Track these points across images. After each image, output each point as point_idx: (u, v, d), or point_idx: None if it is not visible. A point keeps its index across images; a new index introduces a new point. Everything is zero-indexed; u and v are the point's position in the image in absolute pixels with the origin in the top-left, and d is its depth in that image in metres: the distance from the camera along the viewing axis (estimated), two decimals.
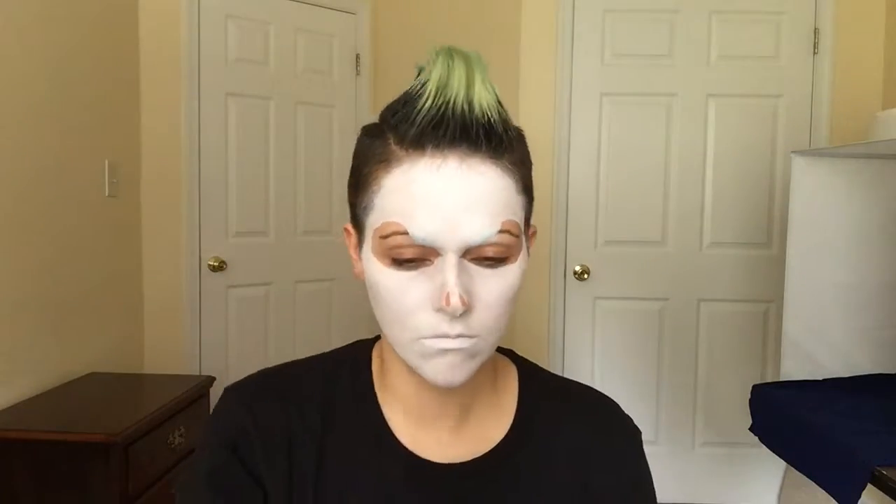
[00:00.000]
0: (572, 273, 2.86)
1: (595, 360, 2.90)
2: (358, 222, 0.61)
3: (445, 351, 0.57)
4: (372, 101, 3.09)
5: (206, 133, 2.64)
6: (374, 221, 0.58)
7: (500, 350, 0.72)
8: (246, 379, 0.69)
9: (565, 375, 0.81)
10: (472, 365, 0.59)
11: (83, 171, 2.18)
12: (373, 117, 0.62)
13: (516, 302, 0.61)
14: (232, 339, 2.76)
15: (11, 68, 1.85)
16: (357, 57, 3.07)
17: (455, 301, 0.54)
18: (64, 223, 2.08)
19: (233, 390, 0.68)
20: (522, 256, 0.60)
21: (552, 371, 0.75)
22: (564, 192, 2.84)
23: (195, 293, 2.64)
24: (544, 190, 2.79)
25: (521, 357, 0.75)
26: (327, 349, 0.73)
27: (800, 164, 2.23)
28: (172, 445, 1.92)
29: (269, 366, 0.71)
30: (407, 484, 0.64)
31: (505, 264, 0.58)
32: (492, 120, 0.56)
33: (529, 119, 2.82)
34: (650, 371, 2.89)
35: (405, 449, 0.65)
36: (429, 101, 0.55)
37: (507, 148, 0.57)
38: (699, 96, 2.81)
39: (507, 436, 0.67)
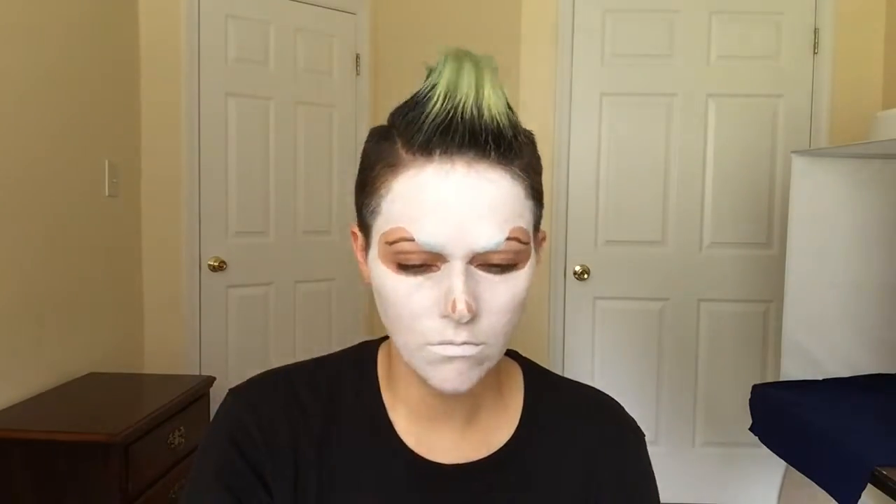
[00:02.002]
0: (572, 273, 2.86)
1: (595, 360, 2.90)
2: (364, 225, 0.60)
3: (452, 358, 0.57)
4: (372, 101, 3.09)
5: (206, 133, 2.64)
6: (380, 226, 0.58)
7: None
8: (249, 380, 0.69)
9: (565, 375, 0.81)
10: (480, 371, 0.59)
11: (83, 171, 2.18)
12: (372, 118, 0.62)
13: (524, 307, 0.60)
14: (232, 339, 2.76)
15: (11, 69, 1.85)
16: (357, 57, 3.07)
17: (461, 307, 0.54)
18: (64, 223, 2.08)
19: (236, 391, 0.67)
20: (531, 262, 0.60)
21: (552, 371, 0.75)
22: (564, 192, 2.84)
23: (195, 293, 2.64)
24: (545, 190, 2.78)
25: (525, 357, 0.74)
26: (327, 349, 0.73)
27: (800, 164, 2.23)
28: (172, 445, 1.92)
29: (272, 367, 0.71)
30: (410, 485, 0.64)
31: (513, 270, 0.58)
32: (501, 125, 0.55)
33: (529, 119, 2.79)
34: (650, 371, 2.89)
35: (410, 451, 0.65)
36: (437, 105, 0.54)
37: (517, 154, 0.57)
38: (699, 96, 2.80)
39: (513, 436, 0.67)
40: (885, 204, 2.23)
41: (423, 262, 0.56)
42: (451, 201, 0.54)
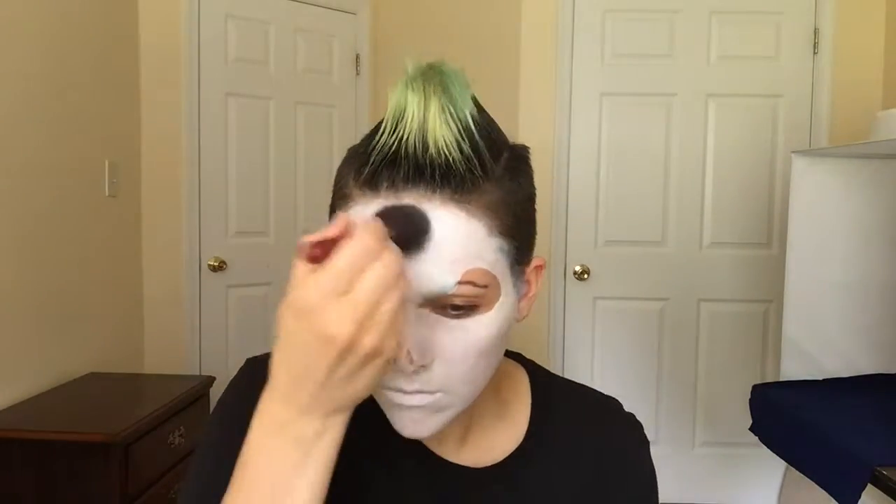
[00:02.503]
0: (572, 273, 2.86)
1: (595, 359, 2.90)
2: None
3: (406, 406, 0.54)
4: (372, 101, 3.09)
5: (206, 133, 2.64)
6: None
7: (508, 354, 0.69)
8: (268, 353, 0.67)
9: (565, 375, 0.80)
10: (442, 418, 0.55)
11: (83, 171, 2.18)
12: (372, 118, 0.60)
13: (497, 351, 0.56)
14: (232, 339, 2.76)
15: (11, 69, 1.85)
16: (357, 57, 3.07)
17: (402, 360, 0.51)
18: (64, 223, 2.08)
19: (255, 358, 0.66)
20: (504, 303, 0.55)
21: (552, 371, 0.74)
22: (564, 192, 2.84)
23: (195, 293, 2.64)
24: (544, 190, 2.78)
25: (529, 360, 0.72)
26: None
27: (800, 164, 2.23)
28: (172, 445, 1.92)
29: None
30: (421, 482, 0.63)
31: (474, 314, 0.53)
32: (451, 160, 0.50)
33: (529, 119, 2.82)
34: (650, 371, 2.89)
35: (425, 447, 0.63)
36: (383, 137, 0.51)
37: (475, 188, 0.51)
38: (699, 96, 2.80)
39: (521, 445, 0.66)
40: (885, 204, 2.23)
41: None
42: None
